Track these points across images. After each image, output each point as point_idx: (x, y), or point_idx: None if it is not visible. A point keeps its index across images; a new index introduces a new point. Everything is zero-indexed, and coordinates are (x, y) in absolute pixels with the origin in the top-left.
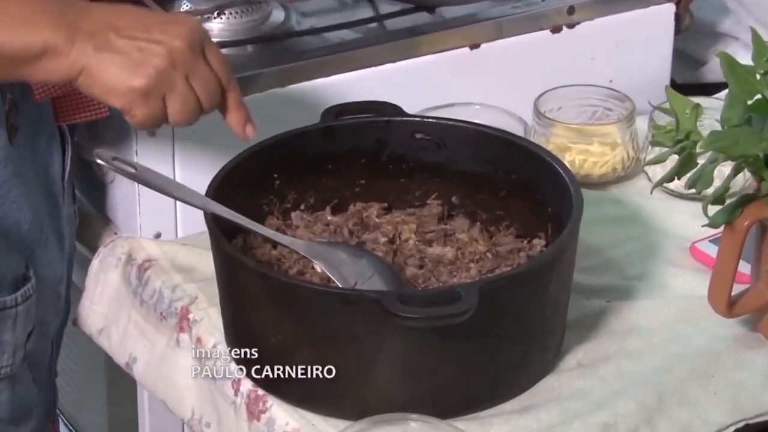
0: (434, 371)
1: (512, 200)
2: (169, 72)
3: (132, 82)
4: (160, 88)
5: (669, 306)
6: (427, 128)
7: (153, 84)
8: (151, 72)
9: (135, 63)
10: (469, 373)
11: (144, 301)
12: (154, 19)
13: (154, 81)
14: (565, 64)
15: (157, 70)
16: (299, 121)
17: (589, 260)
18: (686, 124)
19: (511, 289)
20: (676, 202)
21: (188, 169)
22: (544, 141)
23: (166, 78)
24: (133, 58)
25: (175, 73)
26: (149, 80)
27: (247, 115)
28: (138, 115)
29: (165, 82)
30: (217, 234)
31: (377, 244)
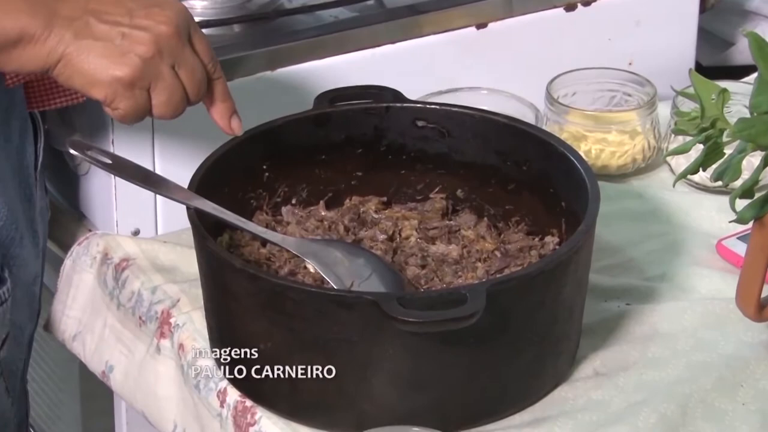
0: (437, 380)
1: (523, 194)
2: (155, 60)
3: (115, 72)
4: (145, 78)
5: (693, 309)
6: (429, 115)
7: (138, 74)
8: (135, 61)
9: (118, 51)
10: (475, 383)
11: (121, 305)
12: (137, 2)
13: (139, 70)
14: (580, 45)
15: (142, 58)
16: (290, 108)
17: (607, 259)
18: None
19: (521, 291)
20: (701, 196)
21: (169, 160)
22: (558, 129)
23: (151, 67)
24: (116, 45)
25: (162, 61)
26: (134, 70)
27: (233, 108)
28: (121, 107)
29: (150, 72)
30: (201, 231)
31: (375, 242)
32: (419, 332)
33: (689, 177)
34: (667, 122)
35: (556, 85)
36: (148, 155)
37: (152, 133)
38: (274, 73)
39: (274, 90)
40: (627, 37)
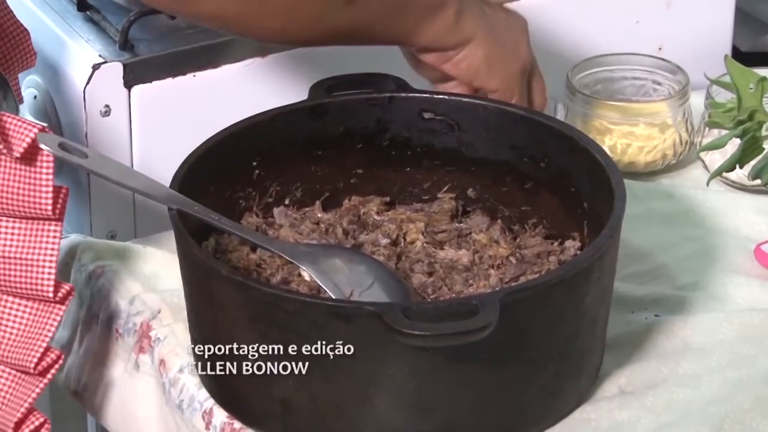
0: (446, 400)
1: (541, 194)
2: (531, 50)
3: (515, 65)
4: (530, 67)
5: (730, 321)
6: (437, 106)
7: (528, 64)
8: (525, 50)
9: (512, 39)
10: (488, 403)
11: (95, 316)
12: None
13: (529, 61)
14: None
15: (527, 47)
16: (283, 98)
17: (634, 266)
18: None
19: (538, 302)
20: (737, 196)
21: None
22: (580, 122)
23: (532, 56)
24: (506, 31)
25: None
26: (526, 59)
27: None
28: (515, 98)
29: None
30: (185, 235)
31: (377, 247)
32: (426, 347)
33: (725, 175)
34: (700, 114)
35: (577, 72)
36: (125, 150)
37: (129, 125)
38: (264, 60)
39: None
40: (656, 19)
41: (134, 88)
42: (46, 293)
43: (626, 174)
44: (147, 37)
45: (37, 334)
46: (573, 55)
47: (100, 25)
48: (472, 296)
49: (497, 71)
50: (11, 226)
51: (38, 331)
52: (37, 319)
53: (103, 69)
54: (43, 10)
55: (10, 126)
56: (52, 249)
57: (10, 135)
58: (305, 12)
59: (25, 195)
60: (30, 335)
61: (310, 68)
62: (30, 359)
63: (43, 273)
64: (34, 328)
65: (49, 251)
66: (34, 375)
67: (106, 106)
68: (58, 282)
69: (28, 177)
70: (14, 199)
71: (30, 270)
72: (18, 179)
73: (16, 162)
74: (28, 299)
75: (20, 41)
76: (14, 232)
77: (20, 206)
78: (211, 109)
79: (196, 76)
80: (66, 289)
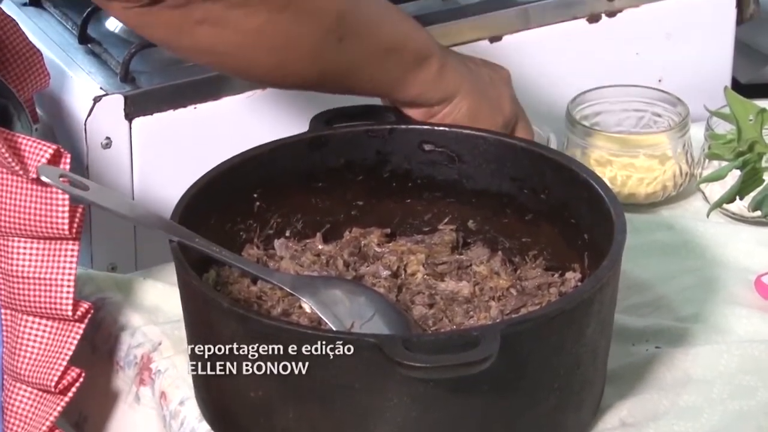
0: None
1: (541, 225)
2: (516, 101)
3: (497, 118)
4: (514, 118)
5: (730, 353)
6: (438, 138)
7: (512, 116)
8: (509, 104)
9: (496, 93)
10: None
11: (97, 348)
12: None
13: (513, 113)
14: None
15: (512, 99)
16: (283, 130)
17: (634, 298)
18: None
19: (539, 333)
20: (738, 228)
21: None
22: (580, 153)
23: (517, 107)
24: (490, 85)
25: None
26: (511, 113)
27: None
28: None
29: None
30: (185, 267)
31: (378, 279)
32: (427, 378)
33: (725, 206)
34: (700, 146)
35: (577, 104)
36: (126, 182)
37: (130, 157)
38: (265, 92)
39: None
40: (656, 51)
41: (135, 120)
42: (65, 312)
43: (626, 206)
44: (148, 69)
45: (57, 353)
46: (573, 86)
47: (102, 57)
48: (472, 328)
49: (482, 126)
50: (29, 247)
51: (58, 350)
52: (56, 338)
53: (104, 101)
54: (45, 42)
55: (25, 147)
56: (70, 268)
57: (26, 156)
58: (300, 47)
59: (42, 215)
60: (50, 354)
61: (310, 101)
62: (51, 378)
63: (61, 292)
64: (54, 346)
65: (67, 270)
66: (55, 393)
67: (107, 138)
68: (76, 300)
69: (44, 197)
70: (31, 220)
71: (49, 289)
72: (34, 199)
73: (32, 182)
74: (47, 318)
75: (33, 62)
76: (32, 252)
77: (37, 226)
78: (212, 141)
79: (196, 109)
80: (85, 308)
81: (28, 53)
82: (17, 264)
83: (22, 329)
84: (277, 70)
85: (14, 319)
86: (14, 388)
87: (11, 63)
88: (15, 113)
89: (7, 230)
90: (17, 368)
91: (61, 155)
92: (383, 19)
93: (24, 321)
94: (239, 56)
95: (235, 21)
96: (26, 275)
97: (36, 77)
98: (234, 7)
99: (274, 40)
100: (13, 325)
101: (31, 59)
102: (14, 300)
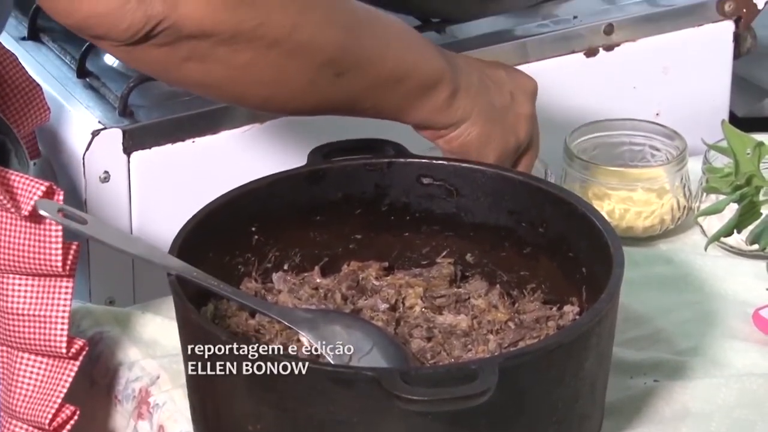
0: None
1: (539, 259)
2: (535, 122)
3: (510, 140)
4: (527, 140)
5: (729, 386)
6: (436, 171)
7: (525, 139)
8: (525, 125)
9: (513, 113)
10: None
11: (95, 382)
12: (498, 63)
13: (528, 135)
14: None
15: (529, 120)
16: (281, 164)
17: (633, 331)
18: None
19: (537, 367)
20: (736, 261)
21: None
22: (578, 187)
23: (533, 127)
24: (508, 107)
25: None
26: (525, 135)
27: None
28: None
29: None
30: (184, 300)
31: (376, 312)
32: (425, 412)
33: (723, 240)
34: (698, 179)
35: (575, 137)
36: (124, 216)
37: (129, 191)
38: (263, 126)
39: (264, 144)
40: (654, 85)
41: (134, 154)
42: (59, 349)
43: (624, 239)
44: (146, 103)
45: (51, 391)
46: (571, 120)
47: (100, 91)
48: (470, 361)
49: (492, 150)
50: (23, 283)
51: (53, 387)
52: (51, 375)
53: (102, 135)
54: (43, 76)
55: (17, 184)
56: (64, 305)
57: (18, 194)
58: (293, 82)
59: (36, 252)
60: (45, 391)
61: (308, 134)
62: (45, 416)
63: (55, 329)
64: (49, 384)
65: (61, 307)
66: (49, 431)
67: (106, 172)
68: (71, 337)
69: (37, 235)
70: (25, 257)
71: (43, 326)
72: (28, 237)
73: (25, 220)
74: (42, 355)
75: (33, 97)
76: (27, 289)
77: (31, 264)
78: (210, 175)
79: (195, 142)
80: (79, 345)
81: (28, 88)
82: (12, 301)
83: (18, 366)
84: (271, 102)
85: (10, 356)
86: (10, 425)
87: (11, 98)
88: (12, 149)
89: (2, 267)
90: (13, 405)
91: (53, 192)
92: (388, 49)
93: (19, 358)
94: (229, 89)
95: (222, 58)
96: (21, 312)
97: (36, 112)
98: (220, 45)
99: (263, 76)
100: (9, 362)
101: (31, 94)
102: (10, 336)
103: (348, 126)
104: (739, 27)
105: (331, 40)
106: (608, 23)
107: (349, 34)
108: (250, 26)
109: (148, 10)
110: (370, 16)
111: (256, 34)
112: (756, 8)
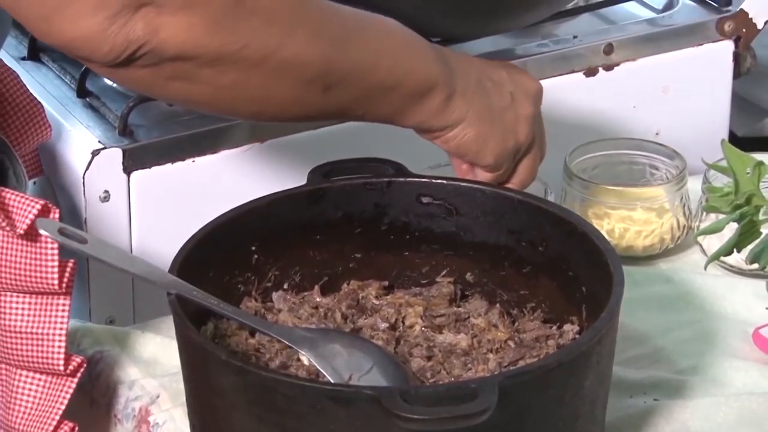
0: None
1: (539, 278)
2: (536, 121)
3: (509, 142)
4: (529, 141)
5: (729, 405)
6: (436, 191)
7: (526, 140)
8: (525, 126)
9: (513, 114)
10: None
11: (95, 401)
12: (501, 62)
13: (528, 137)
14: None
15: (529, 121)
16: (281, 183)
17: (632, 350)
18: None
19: (537, 385)
20: (735, 280)
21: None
22: (577, 206)
23: (534, 128)
24: (508, 107)
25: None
26: (526, 136)
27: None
28: (501, 172)
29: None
30: (183, 319)
31: (376, 331)
32: (425, 431)
33: (723, 259)
34: (697, 199)
35: (575, 157)
36: (124, 235)
37: (128, 211)
38: (263, 145)
39: (264, 163)
40: (653, 104)
41: (133, 173)
42: (57, 366)
43: (624, 258)
44: (146, 123)
45: (50, 407)
46: (571, 139)
47: (100, 111)
48: (470, 380)
49: (490, 150)
50: (21, 301)
51: (51, 404)
52: (49, 392)
53: (102, 155)
54: (43, 96)
55: (12, 203)
56: (61, 322)
57: (13, 212)
58: (281, 98)
59: (32, 270)
60: (43, 408)
61: (308, 153)
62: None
63: (53, 346)
64: (47, 401)
65: (58, 325)
66: None
67: (106, 192)
68: (68, 355)
69: (33, 253)
70: (21, 275)
71: (40, 344)
72: (24, 255)
73: (20, 238)
74: (40, 372)
75: (34, 114)
76: (24, 307)
77: (28, 282)
78: (210, 195)
79: (195, 162)
80: (77, 362)
81: (29, 105)
82: (9, 318)
83: (17, 383)
84: (261, 115)
85: (9, 373)
86: None
87: (12, 115)
88: (10, 167)
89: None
90: (12, 422)
91: (49, 210)
92: (380, 58)
93: (18, 375)
94: (217, 105)
95: (207, 78)
96: (18, 330)
97: (38, 129)
98: (204, 66)
99: (250, 94)
100: (8, 379)
101: (32, 111)
102: (8, 354)
103: (348, 145)
104: (739, 47)
105: (317, 56)
106: (608, 43)
107: (337, 48)
108: (233, 49)
109: (129, 34)
110: (362, 25)
111: (240, 56)
112: (756, 28)
